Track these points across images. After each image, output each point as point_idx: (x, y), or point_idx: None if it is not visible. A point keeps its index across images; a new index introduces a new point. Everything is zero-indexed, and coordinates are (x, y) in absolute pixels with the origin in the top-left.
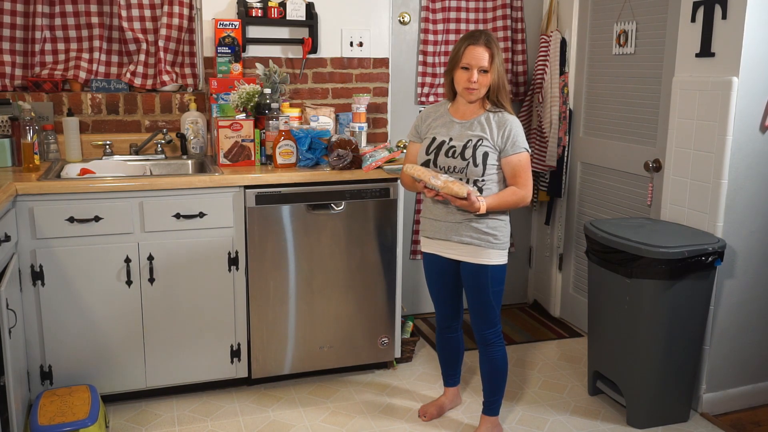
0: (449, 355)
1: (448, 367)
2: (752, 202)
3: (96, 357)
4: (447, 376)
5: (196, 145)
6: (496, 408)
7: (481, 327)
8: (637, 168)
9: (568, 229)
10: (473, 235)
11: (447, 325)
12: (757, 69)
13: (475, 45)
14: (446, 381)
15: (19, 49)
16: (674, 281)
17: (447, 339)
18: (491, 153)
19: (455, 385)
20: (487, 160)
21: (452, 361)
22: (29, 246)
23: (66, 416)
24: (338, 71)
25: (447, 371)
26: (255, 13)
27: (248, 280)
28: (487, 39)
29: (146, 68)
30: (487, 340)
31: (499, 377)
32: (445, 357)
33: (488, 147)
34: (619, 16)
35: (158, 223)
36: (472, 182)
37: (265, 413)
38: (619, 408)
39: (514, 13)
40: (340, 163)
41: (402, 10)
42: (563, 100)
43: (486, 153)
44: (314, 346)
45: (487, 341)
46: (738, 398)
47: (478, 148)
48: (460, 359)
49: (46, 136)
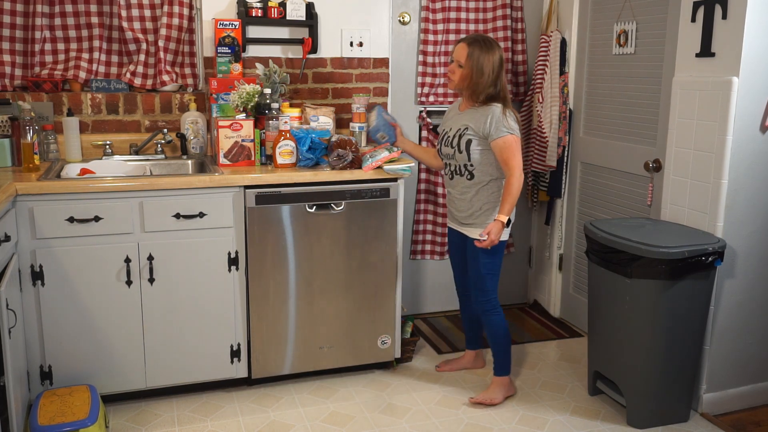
0: (467, 317)
1: (468, 329)
2: (752, 202)
3: (96, 357)
4: (467, 338)
5: (196, 145)
6: (501, 367)
7: (476, 294)
8: (637, 168)
9: (568, 229)
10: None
11: (462, 291)
12: (757, 69)
13: (462, 42)
14: (467, 343)
15: (19, 49)
16: (674, 281)
17: (464, 301)
18: (474, 139)
19: (474, 348)
20: (470, 146)
21: (470, 323)
22: (29, 246)
23: (66, 416)
24: (338, 71)
25: (468, 333)
26: (255, 13)
27: (248, 280)
28: (473, 39)
29: (146, 68)
30: (482, 307)
31: (498, 340)
32: (465, 318)
33: (471, 134)
34: (619, 16)
35: (158, 223)
36: (462, 167)
37: (265, 413)
38: (619, 408)
39: (514, 13)
40: (340, 163)
41: (402, 10)
42: (563, 100)
43: (469, 140)
44: (314, 346)
45: (482, 308)
46: (738, 398)
47: (463, 136)
48: (476, 324)
49: (46, 136)
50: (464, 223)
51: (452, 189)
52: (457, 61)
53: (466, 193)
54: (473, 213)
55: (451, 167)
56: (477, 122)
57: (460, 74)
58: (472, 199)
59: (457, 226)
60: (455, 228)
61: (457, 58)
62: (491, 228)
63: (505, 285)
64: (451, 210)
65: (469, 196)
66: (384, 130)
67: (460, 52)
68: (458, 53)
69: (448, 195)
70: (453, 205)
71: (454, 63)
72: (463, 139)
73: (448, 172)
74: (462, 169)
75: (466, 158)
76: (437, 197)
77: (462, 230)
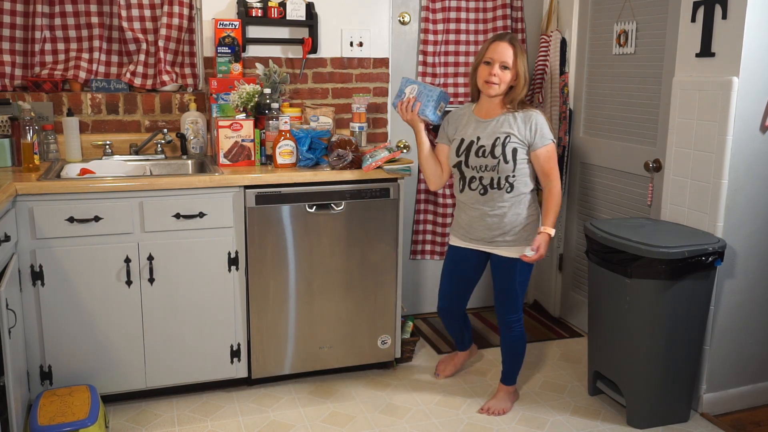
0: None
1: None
2: (752, 202)
3: (96, 357)
4: (457, 343)
5: (196, 145)
6: (512, 377)
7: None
8: (637, 168)
9: (567, 229)
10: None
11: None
12: (757, 69)
13: (500, 41)
14: (458, 346)
15: (19, 49)
16: (674, 281)
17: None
18: (520, 148)
19: (465, 349)
20: (517, 155)
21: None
22: (29, 246)
23: (66, 416)
24: (338, 71)
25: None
26: (255, 13)
27: (248, 280)
28: (512, 38)
29: (146, 68)
30: (512, 325)
31: (518, 352)
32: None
33: (516, 143)
34: (619, 16)
35: (158, 223)
36: (504, 179)
37: (265, 413)
38: (619, 408)
39: (514, 13)
40: (340, 163)
41: (402, 10)
42: (563, 100)
43: (515, 149)
44: (314, 346)
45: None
46: (738, 398)
47: (507, 144)
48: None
49: (46, 136)
50: (494, 242)
51: (482, 206)
52: (502, 63)
53: (502, 208)
54: (512, 230)
55: (483, 181)
56: (520, 130)
57: (509, 78)
58: (506, 213)
59: (479, 246)
60: (473, 248)
61: (502, 59)
62: (540, 242)
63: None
64: (470, 229)
65: (504, 211)
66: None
67: (504, 52)
68: (503, 54)
69: (468, 213)
70: (478, 224)
71: (495, 65)
72: (508, 148)
73: (479, 187)
74: (502, 182)
75: (511, 168)
76: (437, 197)
77: (488, 249)
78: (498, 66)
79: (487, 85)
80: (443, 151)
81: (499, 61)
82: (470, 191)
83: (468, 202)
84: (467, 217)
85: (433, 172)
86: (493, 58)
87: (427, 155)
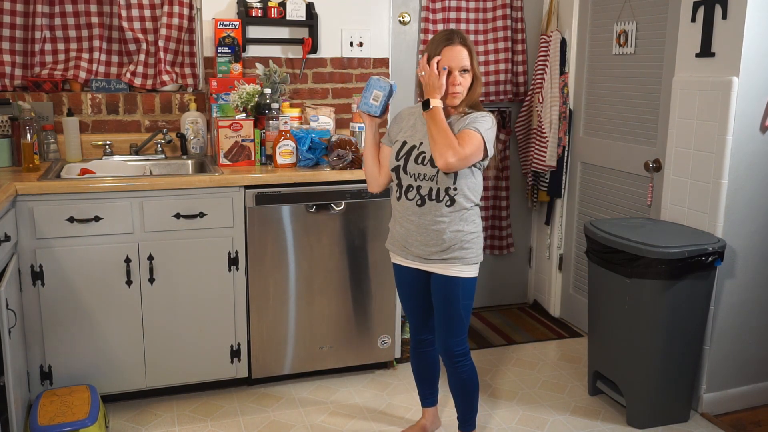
0: (424, 372)
1: (425, 386)
2: (752, 202)
3: (96, 357)
4: (424, 395)
5: (196, 145)
6: (472, 422)
7: (447, 339)
8: (637, 168)
9: (568, 229)
10: (445, 252)
11: (419, 338)
12: (757, 69)
13: (453, 45)
14: (424, 401)
15: (19, 49)
16: (674, 281)
17: (420, 354)
18: None
19: (434, 405)
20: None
21: (428, 379)
22: (29, 246)
23: (66, 416)
24: (338, 71)
25: (424, 390)
26: (255, 13)
27: (248, 280)
28: (463, 38)
29: (146, 68)
30: (455, 354)
31: (471, 389)
32: (420, 374)
33: None
34: (619, 16)
35: (158, 223)
36: (443, 190)
37: (265, 413)
38: (619, 408)
39: (514, 13)
40: (340, 163)
41: (402, 10)
42: (563, 100)
43: None
44: (314, 346)
45: (454, 355)
46: (738, 398)
47: None
48: (436, 376)
49: (46, 136)
50: (431, 260)
51: (418, 218)
52: (461, 68)
53: (440, 224)
54: (450, 247)
55: (421, 191)
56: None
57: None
58: (445, 230)
59: (418, 263)
60: (411, 266)
61: (461, 65)
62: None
63: (505, 285)
64: (406, 244)
65: (443, 227)
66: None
67: (461, 56)
68: (461, 59)
69: (404, 225)
70: (413, 238)
71: (453, 72)
72: None
73: (416, 197)
74: (441, 194)
75: (452, 181)
76: None
77: (427, 267)
78: (458, 73)
79: (452, 96)
80: (384, 152)
81: (458, 68)
82: (407, 201)
83: (404, 212)
84: (402, 230)
85: (370, 173)
86: (452, 65)
87: (367, 153)
